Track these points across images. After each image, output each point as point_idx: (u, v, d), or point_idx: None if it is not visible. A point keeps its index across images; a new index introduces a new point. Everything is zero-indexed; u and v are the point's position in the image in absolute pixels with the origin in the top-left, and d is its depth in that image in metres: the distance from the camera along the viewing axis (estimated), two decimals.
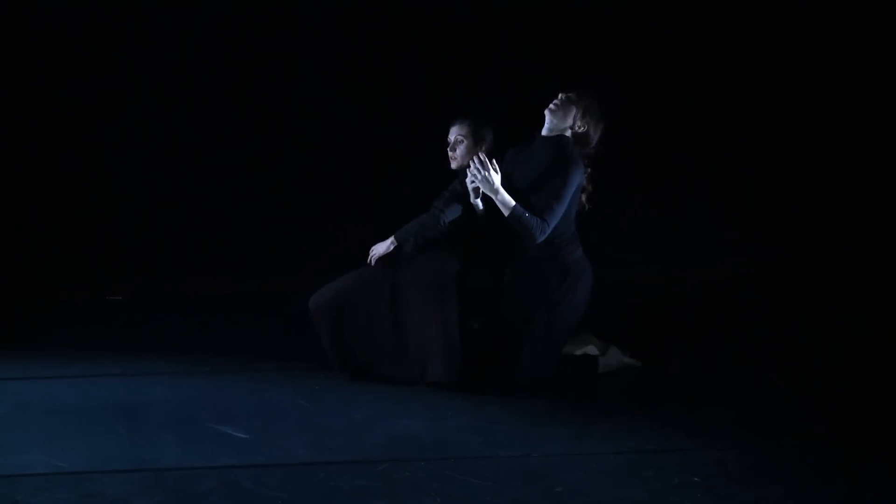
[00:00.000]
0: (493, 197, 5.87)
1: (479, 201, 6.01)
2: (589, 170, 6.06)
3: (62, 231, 8.10)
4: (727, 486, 4.71)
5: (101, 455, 5.01)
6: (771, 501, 4.58)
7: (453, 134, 6.25)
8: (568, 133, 6.03)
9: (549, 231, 5.90)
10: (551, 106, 6.03)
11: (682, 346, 6.75)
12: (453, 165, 6.26)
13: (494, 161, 5.90)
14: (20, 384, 6.00)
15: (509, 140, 6.19)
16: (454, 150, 6.24)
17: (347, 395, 5.88)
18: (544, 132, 6.06)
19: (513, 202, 5.86)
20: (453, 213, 6.13)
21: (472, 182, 5.92)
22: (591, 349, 6.24)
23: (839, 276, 8.13)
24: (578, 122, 6.02)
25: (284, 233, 8.33)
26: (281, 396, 5.85)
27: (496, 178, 5.86)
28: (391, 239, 6.20)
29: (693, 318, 7.39)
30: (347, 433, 5.32)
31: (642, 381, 6.13)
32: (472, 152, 6.11)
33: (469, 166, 5.93)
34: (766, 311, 7.56)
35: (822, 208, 8.47)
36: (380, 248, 6.22)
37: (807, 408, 5.69)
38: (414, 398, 5.82)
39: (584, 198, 6.08)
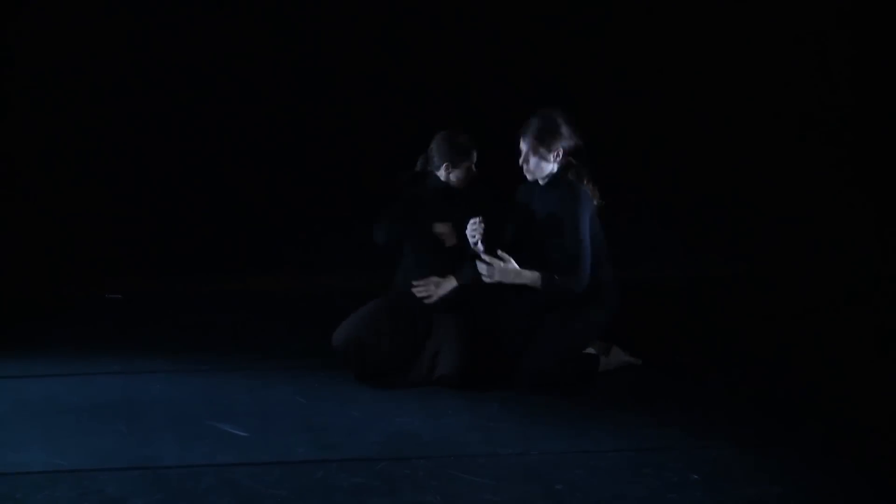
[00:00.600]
0: (518, 282, 5.82)
1: (480, 247, 5.88)
2: (593, 186, 5.99)
3: (62, 230, 8.09)
4: (726, 483, 4.72)
5: (101, 453, 5.01)
6: (770, 499, 4.59)
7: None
8: (555, 169, 5.93)
9: (587, 278, 5.82)
10: (524, 169, 5.92)
11: (681, 345, 6.75)
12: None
13: (500, 252, 5.82)
14: (20, 382, 6.00)
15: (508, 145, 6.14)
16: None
17: (347, 393, 5.87)
18: (541, 182, 5.98)
19: (538, 277, 5.80)
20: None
21: (476, 243, 5.84)
22: (589, 348, 6.22)
23: (838, 276, 8.12)
24: (553, 154, 5.90)
25: (286, 232, 8.32)
26: (281, 394, 5.85)
27: (510, 267, 5.80)
28: (452, 281, 6.05)
29: (692, 318, 7.38)
30: (347, 431, 5.32)
31: (642, 380, 6.13)
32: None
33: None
34: (765, 310, 7.55)
35: (820, 208, 8.46)
36: (442, 291, 6.09)
37: (806, 406, 5.69)
38: (414, 397, 5.81)
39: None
